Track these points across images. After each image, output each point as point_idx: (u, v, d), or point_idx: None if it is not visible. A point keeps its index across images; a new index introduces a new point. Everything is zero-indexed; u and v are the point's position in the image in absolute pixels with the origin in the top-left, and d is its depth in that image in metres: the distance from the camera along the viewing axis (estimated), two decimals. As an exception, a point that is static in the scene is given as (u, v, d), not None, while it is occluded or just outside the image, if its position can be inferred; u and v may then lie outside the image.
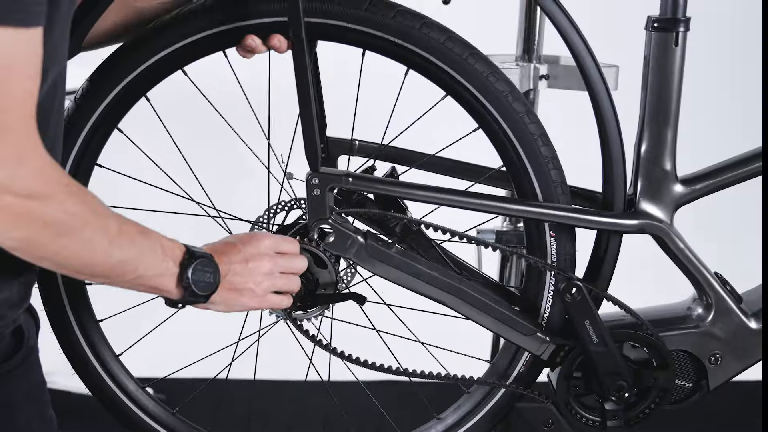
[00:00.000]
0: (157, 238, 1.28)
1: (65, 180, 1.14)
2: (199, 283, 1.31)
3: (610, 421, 1.62)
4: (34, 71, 1.08)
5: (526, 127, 1.50)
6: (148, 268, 1.26)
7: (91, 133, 1.51)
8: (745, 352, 1.63)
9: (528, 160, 1.51)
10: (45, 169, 1.10)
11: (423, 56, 1.47)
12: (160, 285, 1.30)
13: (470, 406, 1.67)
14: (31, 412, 1.33)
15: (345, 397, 1.94)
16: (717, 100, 3.26)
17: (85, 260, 1.18)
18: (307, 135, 1.47)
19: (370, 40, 1.47)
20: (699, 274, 1.60)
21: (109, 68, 1.50)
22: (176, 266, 1.30)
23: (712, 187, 1.60)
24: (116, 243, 1.19)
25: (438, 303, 1.55)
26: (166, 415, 1.66)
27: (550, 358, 1.59)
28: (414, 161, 1.65)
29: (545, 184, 1.52)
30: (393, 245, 1.54)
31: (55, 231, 1.12)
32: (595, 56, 1.51)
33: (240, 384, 1.96)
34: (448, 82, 1.48)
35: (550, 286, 1.57)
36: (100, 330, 1.62)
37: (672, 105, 1.56)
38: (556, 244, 1.55)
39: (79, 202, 1.14)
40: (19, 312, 1.29)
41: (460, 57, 1.47)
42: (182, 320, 1.64)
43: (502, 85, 1.49)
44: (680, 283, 1.67)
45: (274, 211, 1.57)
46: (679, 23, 1.53)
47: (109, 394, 1.64)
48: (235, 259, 1.38)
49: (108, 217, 1.19)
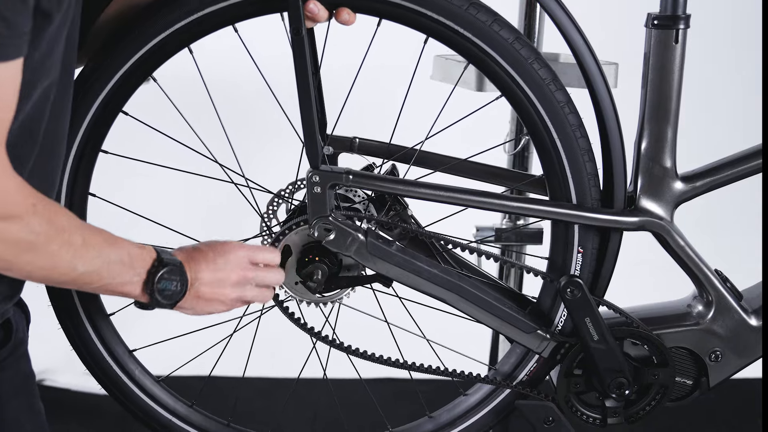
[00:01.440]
0: (126, 247, 1.31)
1: (31, 200, 1.18)
2: (165, 291, 1.35)
3: (610, 418, 1.62)
4: (8, 100, 1.13)
5: (566, 117, 1.50)
6: (114, 276, 1.30)
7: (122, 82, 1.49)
8: (746, 349, 1.63)
9: (565, 153, 1.51)
10: (9, 192, 1.15)
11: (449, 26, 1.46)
12: (127, 291, 1.34)
13: (465, 408, 1.67)
14: (20, 403, 1.37)
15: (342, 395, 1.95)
16: (717, 97, 3.26)
17: (49, 273, 1.24)
18: (308, 132, 1.47)
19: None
20: (699, 271, 1.60)
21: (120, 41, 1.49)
22: (144, 273, 1.33)
23: (712, 184, 1.60)
24: (80, 255, 1.24)
25: (439, 300, 1.55)
26: (184, 409, 1.66)
27: (551, 355, 1.59)
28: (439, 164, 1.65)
29: (579, 181, 1.53)
30: (393, 243, 1.54)
31: (19, 249, 1.18)
32: (595, 54, 1.51)
33: (229, 380, 1.96)
34: (503, 77, 1.49)
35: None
36: (111, 324, 1.62)
37: (672, 102, 1.56)
38: (582, 259, 1.56)
39: (44, 222, 1.19)
40: (8, 306, 1.33)
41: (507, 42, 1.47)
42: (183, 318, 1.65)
43: (544, 72, 1.49)
44: (680, 282, 1.67)
45: (297, 186, 1.57)
46: (679, 20, 1.53)
47: (125, 389, 1.64)
48: (204, 267, 1.40)
49: (72, 232, 1.24)
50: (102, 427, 2.59)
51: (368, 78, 1.61)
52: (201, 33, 1.48)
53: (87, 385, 2.69)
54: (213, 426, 1.66)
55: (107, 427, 2.60)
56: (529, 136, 2.05)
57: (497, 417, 1.66)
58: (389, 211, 1.59)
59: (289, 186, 1.58)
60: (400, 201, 1.58)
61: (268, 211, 1.59)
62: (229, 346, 1.68)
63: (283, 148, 1.66)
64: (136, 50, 1.47)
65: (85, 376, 2.66)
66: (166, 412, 1.64)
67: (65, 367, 2.74)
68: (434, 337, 1.68)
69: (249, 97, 1.66)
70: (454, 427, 1.67)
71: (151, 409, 1.64)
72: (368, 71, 1.58)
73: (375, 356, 1.58)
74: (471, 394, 1.69)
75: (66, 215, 1.25)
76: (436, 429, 1.67)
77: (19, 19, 1.08)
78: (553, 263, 1.59)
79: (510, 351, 1.67)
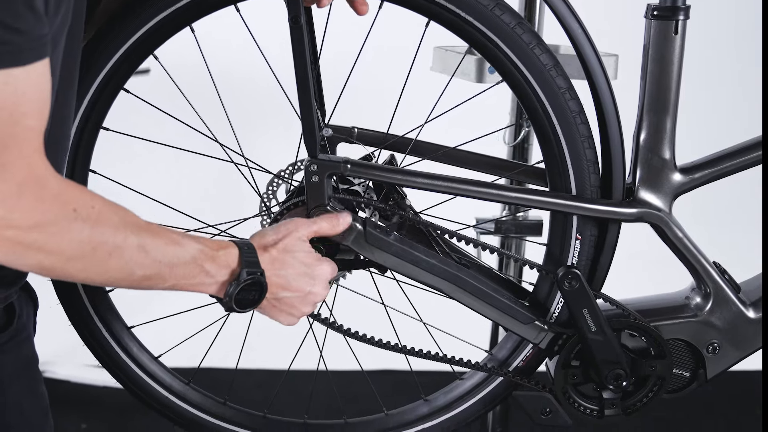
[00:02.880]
0: (192, 248, 1.29)
1: (72, 205, 1.16)
2: (242, 302, 1.35)
3: (607, 409, 1.62)
4: (36, 107, 1.11)
5: (566, 103, 1.50)
6: (180, 279, 1.28)
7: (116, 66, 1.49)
8: (743, 341, 1.63)
9: (565, 139, 1.51)
10: (46, 199, 1.13)
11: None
12: (201, 291, 1.33)
13: (461, 392, 1.67)
14: (21, 387, 1.36)
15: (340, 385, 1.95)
16: (716, 88, 3.26)
17: (103, 279, 1.22)
18: (306, 122, 1.46)
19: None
20: (697, 263, 1.60)
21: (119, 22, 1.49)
22: (221, 280, 1.32)
23: (711, 176, 1.59)
24: (135, 260, 1.22)
25: (436, 291, 1.55)
26: (180, 386, 1.66)
27: (548, 346, 1.59)
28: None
29: (579, 168, 1.53)
30: (391, 232, 1.54)
31: (63, 257, 1.16)
32: (594, 45, 1.50)
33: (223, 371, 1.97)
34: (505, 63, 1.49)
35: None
36: (109, 300, 1.61)
37: (671, 94, 1.55)
38: (580, 246, 1.56)
39: (87, 227, 1.16)
40: (12, 290, 1.32)
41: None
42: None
43: (545, 58, 1.49)
44: (677, 274, 1.67)
45: (297, 167, 1.57)
46: (679, 11, 1.52)
47: (122, 366, 1.63)
48: (289, 285, 1.39)
49: (127, 234, 1.21)
50: (102, 419, 2.60)
51: (367, 65, 1.61)
52: (202, 13, 1.48)
53: (87, 376, 2.70)
54: (209, 403, 1.67)
55: (107, 418, 2.60)
56: (528, 125, 2.05)
57: (494, 402, 1.67)
58: (387, 200, 1.59)
59: (288, 167, 1.58)
60: (398, 190, 1.58)
61: (267, 191, 1.59)
62: (224, 331, 1.68)
63: (283, 129, 1.66)
64: (137, 28, 1.46)
65: (85, 368, 2.69)
66: (163, 388, 1.64)
67: (65, 359, 2.74)
68: (433, 321, 1.68)
69: (250, 77, 1.67)
70: (451, 411, 1.67)
71: (150, 387, 1.64)
72: (368, 59, 1.58)
73: (368, 338, 1.57)
74: (467, 379, 1.69)
75: (120, 217, 1.21)
76: (432, 412, 1.68)
77: (31, 26, 1.07)
78: (551, 253, 1.59)
79: (506, 337, 1.67)
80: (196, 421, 1.66)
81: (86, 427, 2.55)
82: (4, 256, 1.13)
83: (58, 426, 1.43)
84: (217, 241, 1.35)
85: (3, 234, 1.10)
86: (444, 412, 1.67)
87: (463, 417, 1.68)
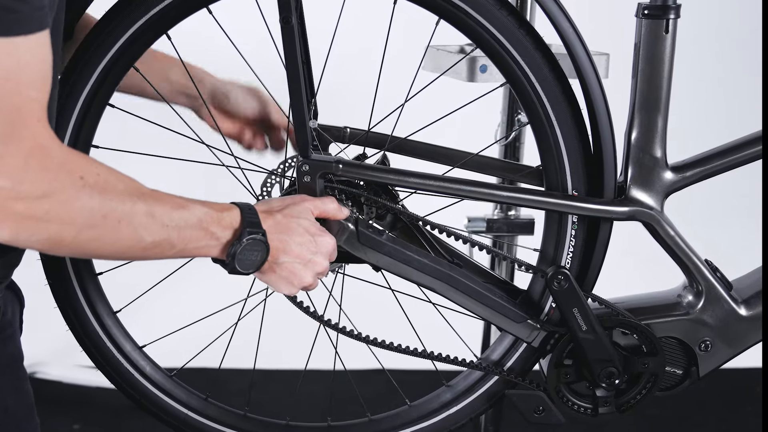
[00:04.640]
0: (198, 210, 1.29)
1: (79, 173, 1.15)
2: (245, 261, 1.34)
3: (601, 407, 1.62)
4: (38, 77, 1.10)
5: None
6: (187, 242, 1.28)
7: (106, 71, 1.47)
8: (735, 338, 1.63)
9: (559, 125, 1.52)
10: (52, 168, 1.12)
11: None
12: (204, 254, 1.33)
13: (476, 377, 1.67)
14: (6, 384, 1.35)
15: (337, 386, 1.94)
16: (707, 87, 3.27)
17: (115, 248, 1.21)
18: (298, 122, 1.46)
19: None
20: (689, 261, 1.60)
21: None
22: (224, 240, 1.32)
23: (703, 174, 1.60)
24: (144, 226, 1.21)
25: (429, 290, 1.55)
26: (163, 378, 1.64)
27: (541, 345, 1.59)
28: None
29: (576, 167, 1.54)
30: (384, 232, 1.54)
31: (76, 227, 1.14)
32: (585, 44, 1.51)
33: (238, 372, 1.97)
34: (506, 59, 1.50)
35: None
36: (97, 282, 1.59)
37: (662, 92, 1.56)
38: (574, 246, 1.56)
39: (96, 194, 1.15)
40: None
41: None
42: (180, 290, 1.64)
43: None
44: (669, 272, 1.68)
45: (289, 164, 1.57)
46: (670, 10, 1.53)
47: (105, 353, 1.60)
48: (290, 250, 1.38)
49: (134, 201, 1.20)
50: (94, 420, 2.59)
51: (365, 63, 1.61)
52: (175, 19, 1.45)
53: (78, 377, 2.70)
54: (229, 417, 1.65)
55: (99, 419, 2.60)
56: (519, 127, 2.06)
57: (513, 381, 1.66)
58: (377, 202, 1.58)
59: (280, 165, 1.57)
60: (390, 191, 1.58)
61: (262, 192, 1.58)
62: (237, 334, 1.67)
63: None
64: (113, 43, 1.45)
65: (77, 369, 2.69)
66: (144, 379, 1.62)
67: (57, 359, 2.74)
68: (432, 322, 1.67)
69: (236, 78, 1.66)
70: (473, 393, 1.66)
71: (165, 403, 1.62)
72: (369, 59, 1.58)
73: (363, 337, 1.57)
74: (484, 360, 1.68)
75: (126, 184, 1.20)
76: (455, 398, 1.66)
77: None
78: (544, 254, 1.59)
79: (502, 335, 1.67)
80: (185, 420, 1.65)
81: (78, 428, 2.54)
82: (16, 232, 1.11)
83: (51, 427, 1.43)
84: (220, 203, 1.34)
85: (14, 208, 1.09)
86: (467, 395, 1.66)
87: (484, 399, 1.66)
